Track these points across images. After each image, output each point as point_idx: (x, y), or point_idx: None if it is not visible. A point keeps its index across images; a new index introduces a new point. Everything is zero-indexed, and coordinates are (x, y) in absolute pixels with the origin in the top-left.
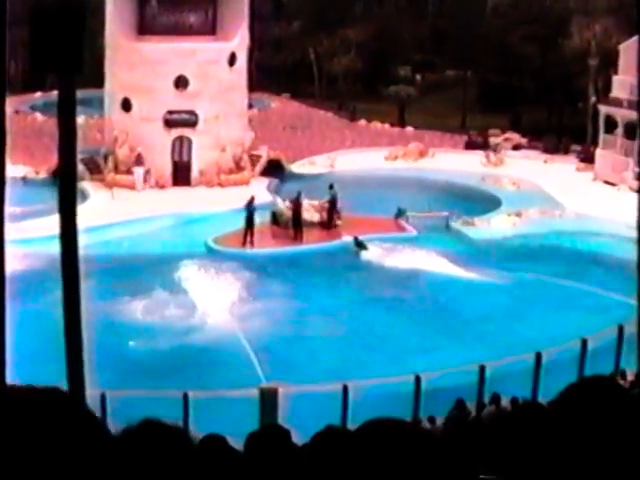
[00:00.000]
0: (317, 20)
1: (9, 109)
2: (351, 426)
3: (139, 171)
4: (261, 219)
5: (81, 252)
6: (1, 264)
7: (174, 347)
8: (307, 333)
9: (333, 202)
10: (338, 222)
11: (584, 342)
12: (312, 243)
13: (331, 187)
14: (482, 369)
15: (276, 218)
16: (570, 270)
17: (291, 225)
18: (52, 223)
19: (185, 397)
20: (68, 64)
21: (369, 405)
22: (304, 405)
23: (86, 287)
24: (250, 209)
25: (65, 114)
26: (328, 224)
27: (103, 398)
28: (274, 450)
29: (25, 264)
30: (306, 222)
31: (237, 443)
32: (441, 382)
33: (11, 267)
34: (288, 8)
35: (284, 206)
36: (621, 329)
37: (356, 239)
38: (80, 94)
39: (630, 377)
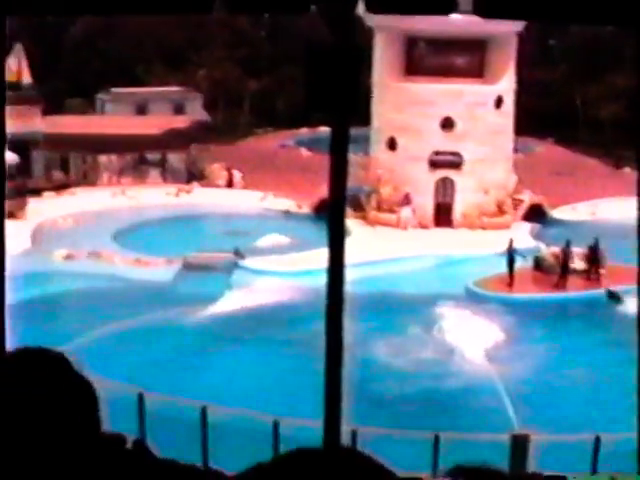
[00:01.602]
0: (584, 65)
1: (275, 143)
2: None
3: (407, 210)
4: (522, 264)
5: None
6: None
7: (427, 388)
8: (563, 381)
9: (595, 251)
10: (601, 271)
11: None
12: (574, 291)
13: (595, 239)
14: None
15: (539, 263)
16: None
17: (556, 271)
18: (312, 257)
19: (436, 438)
20: (343, 103)
21: (620, 458)
22: (554, 453)
23: (344, 322)
24: (511, 253)
25: (337, 152)
26: (589, 273)
27: (354, 435)
28: None
29: (287, 295)
30: (570, 270)
31: None
32: None
33: (271, 297)
34: (555, 52)
35: (547, 252)
36: None
37: (609, 291)
38: None
39: None
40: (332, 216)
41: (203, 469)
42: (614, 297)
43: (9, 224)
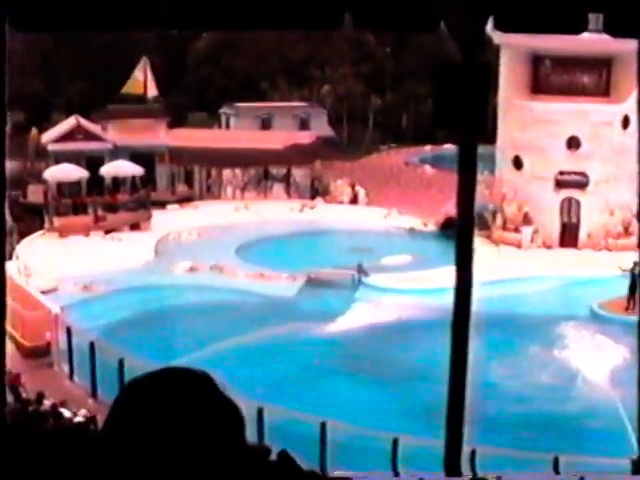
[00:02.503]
0: None
1: (399, 160)
2: None
3: (527, 230)
4: None
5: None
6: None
7: (548, 410)
8: None
9: None
10: None
11: None
12: None
13: None
14: None
15: None
16: None
17: None
18: (437, 275)
19: (555, 460)
20: (472, 122)
21: None
22: None
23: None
24: (634, 274)
25: (465, 170)
26: None
27: (473, 454)
28: None
29: (411, 313)
30: None
31: None
32: None
33: (398, 316)
34: None
35: None
36: None
37: None
38: None
39: None
40: (460, 233)
41: None
42: None
43: (134, 236)
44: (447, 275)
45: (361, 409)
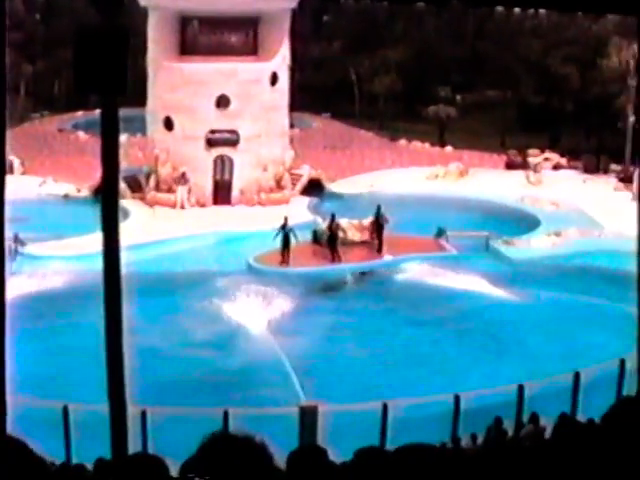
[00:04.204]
0: (357, 40)
1: (52, 127)
2: (390, 445)
3: (182, 189)
4: (302, 238)
5: (122, 270)
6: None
7: (213, 366)
8: (347, 351)
9: (379, 223)
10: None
11: (622, 362)
12: (352, 262)
13: (378, 208)
14: (521, 389)
15: (317, 237)
16: (608, 290)
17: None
18: (93, 240)
19: (225, 414)
20: (112, 85)
21: (408, 424)
22: (344, 423)
23: (126, 305)
24: (285, 229)
25: (108, 134)
26: (379, 245)
27: (144, 415)
28: (313, 469)
29: (66, 280)
30: (347, 241)
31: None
32: (480, 401)
33: (54, 283)
34: (328, 28)
35: (324, 225)
36: None
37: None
38: (122, 112)
39: None
40: (105, 197)
41: None
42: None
43: None
44: (100, 240)
45: (26, 378)
